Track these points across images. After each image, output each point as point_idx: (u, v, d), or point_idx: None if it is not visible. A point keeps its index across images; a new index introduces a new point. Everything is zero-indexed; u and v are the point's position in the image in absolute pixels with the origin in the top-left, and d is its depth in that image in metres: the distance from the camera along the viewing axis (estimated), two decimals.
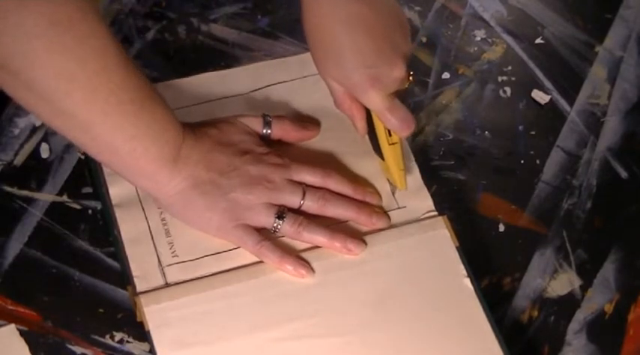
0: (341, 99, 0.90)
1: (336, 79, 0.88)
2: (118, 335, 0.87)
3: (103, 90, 0.78)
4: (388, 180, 0.94)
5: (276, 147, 0.92)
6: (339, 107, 0.91)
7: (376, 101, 0.87)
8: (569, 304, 0.94)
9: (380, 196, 0.92)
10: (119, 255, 0.89)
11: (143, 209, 0.89)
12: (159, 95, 0.84)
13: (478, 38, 1.11)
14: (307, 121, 0.96)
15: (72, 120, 0.79)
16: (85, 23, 0.76)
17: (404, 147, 0.94)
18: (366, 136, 0.93)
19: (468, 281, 0.88)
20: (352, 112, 0.91)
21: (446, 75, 1.07)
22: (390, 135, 0.90)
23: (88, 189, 0.94)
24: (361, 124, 0.91)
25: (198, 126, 0.88)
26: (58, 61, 0.75)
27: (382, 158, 0.92)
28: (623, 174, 1.02)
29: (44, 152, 0.96)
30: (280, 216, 0.87)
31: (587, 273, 0.96)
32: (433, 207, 0.92)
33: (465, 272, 0.89)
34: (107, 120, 0.80)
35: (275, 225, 0.87)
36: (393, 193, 0.93)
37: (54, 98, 0.77)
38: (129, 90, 0.80)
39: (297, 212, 0.89)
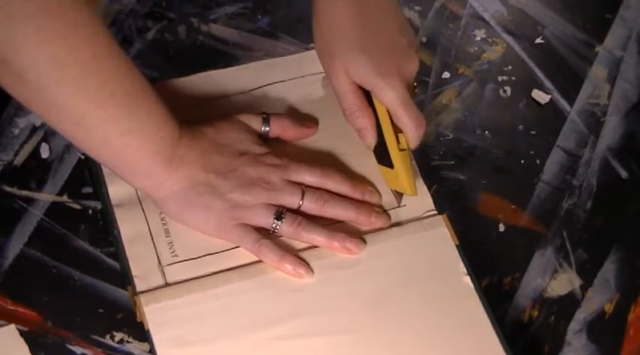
0: (350, 106, 0.90)
1: (356, 73, 0.88)
2: (118, 335, 0.87)
3: (94, 81, 0.78)
4: (393, 192, 0.92)
5: (274, 145, 0.92)
6: (349, 117, 0.90)
7: (396, 92, 0.86)
8: (569, 304, 0.94)
9: (379, 195, 0.92)
10: (119, 254, 0.89)
11: (143, 209, 0.89)
12: (154, 91, 0.83)
13: (478, 38, 1.11)
14: (306, 120, 0.96)
15: (64, 112, 0.79)
16: (75, 10, 0.75)
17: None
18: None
19: (467, 280, 0.88)
20: (363, 122, 0.90)
21: (446, 74, 1.07)
22: (398, 141, 0.89)
23: (88, 189, 0.94)
24: (371, 133, 0.90)
25: (195, 125, 0.88)
26: (48, 48, 0.75)
27: (389, 166, 0.90)
28: (623, 173, 1.02)
29: (44, 152, 0.96)
30: (279, 216, 0.87)
31: (587, 273, 0.96)
32: (433, 207, 0.92)
33: (464, 270, 0.89)
34: (100, 112, 0.79)
35: (274, 225, 0.87)
36: (399, 204, 0.92)
37: (45, 87, 0.76)
38: (122, 82, 0.80)
39: (296, 212, 0.88)
